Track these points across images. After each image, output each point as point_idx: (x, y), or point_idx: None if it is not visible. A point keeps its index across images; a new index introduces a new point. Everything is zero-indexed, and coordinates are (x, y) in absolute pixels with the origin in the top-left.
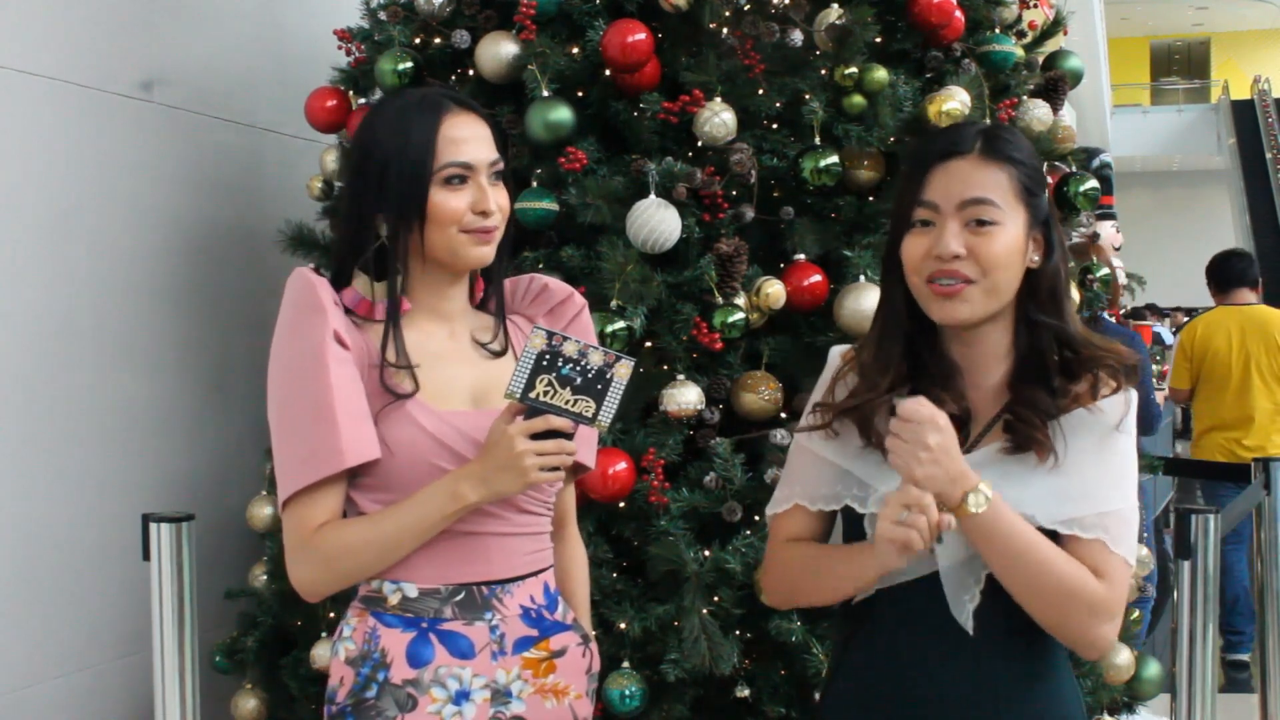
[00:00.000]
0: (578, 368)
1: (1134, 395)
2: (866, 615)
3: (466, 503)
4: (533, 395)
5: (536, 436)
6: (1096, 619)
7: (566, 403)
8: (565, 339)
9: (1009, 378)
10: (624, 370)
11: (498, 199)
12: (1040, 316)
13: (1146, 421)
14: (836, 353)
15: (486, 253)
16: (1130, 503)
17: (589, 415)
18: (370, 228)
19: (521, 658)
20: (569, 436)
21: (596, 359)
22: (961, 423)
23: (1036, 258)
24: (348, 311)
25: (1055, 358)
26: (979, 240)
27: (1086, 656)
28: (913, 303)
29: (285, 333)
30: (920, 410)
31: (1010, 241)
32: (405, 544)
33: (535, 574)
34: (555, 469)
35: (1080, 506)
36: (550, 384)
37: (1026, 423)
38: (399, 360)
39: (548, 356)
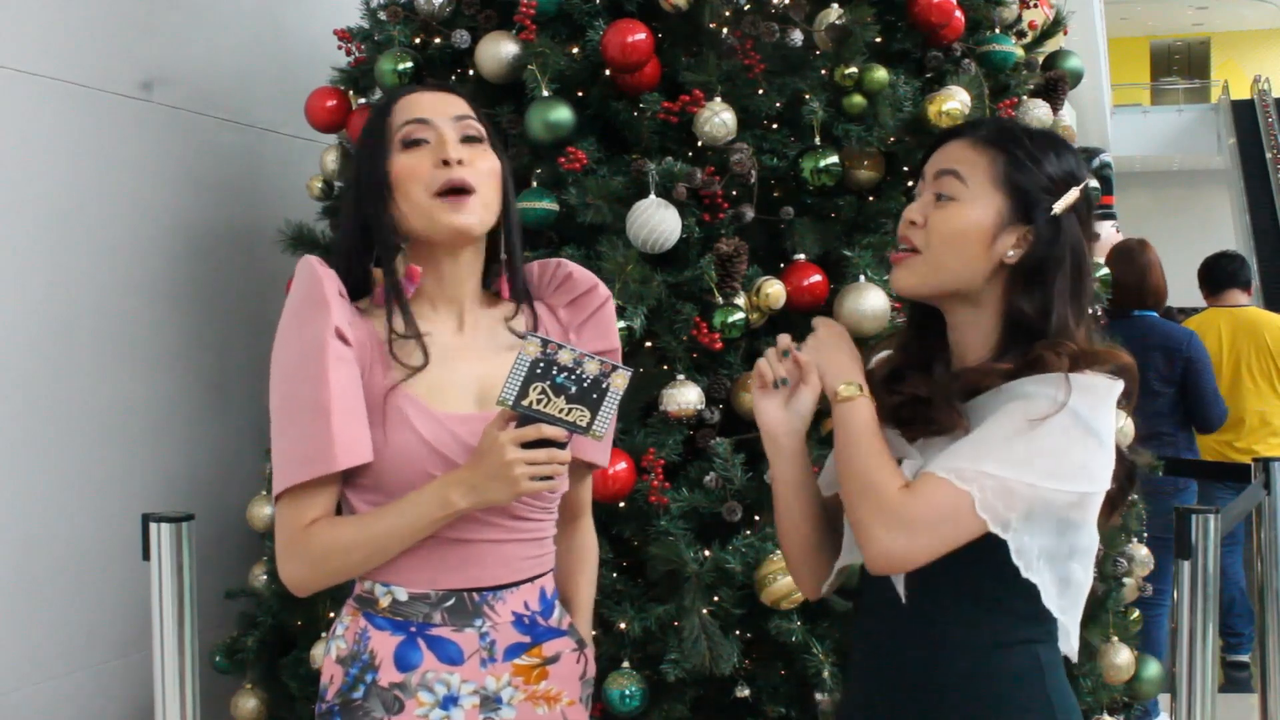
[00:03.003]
0: (573, 376)
1: (1075, 382)
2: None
3: (455, 509)
4: (525, 403)
5: (529, 445)
6: (879, 522)
7: (560, 411)
8: (560, 347)
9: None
10: (620, 380)
11: (468, 155)
12: (1026, 320)
13: (1207, 419)
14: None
15: (465, 220)
16: (1011, 476)
17: (583, 425)
18: (362, 226)
19: (512, 664)
20: (562, 446)
21: (592, 368)
22: (923, 404)
23: (1013, 253)
24: (355, 298)
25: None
26: (934, 213)
27: (870, 567)
28: None
29: (289, 325)
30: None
31: (966, 222)
32: (394, 546)
33: (531, 579)
34: (548, 478)
35: (946, 458)
36: (544, 392)
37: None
38: (407, 330)
39: (541, 364)
